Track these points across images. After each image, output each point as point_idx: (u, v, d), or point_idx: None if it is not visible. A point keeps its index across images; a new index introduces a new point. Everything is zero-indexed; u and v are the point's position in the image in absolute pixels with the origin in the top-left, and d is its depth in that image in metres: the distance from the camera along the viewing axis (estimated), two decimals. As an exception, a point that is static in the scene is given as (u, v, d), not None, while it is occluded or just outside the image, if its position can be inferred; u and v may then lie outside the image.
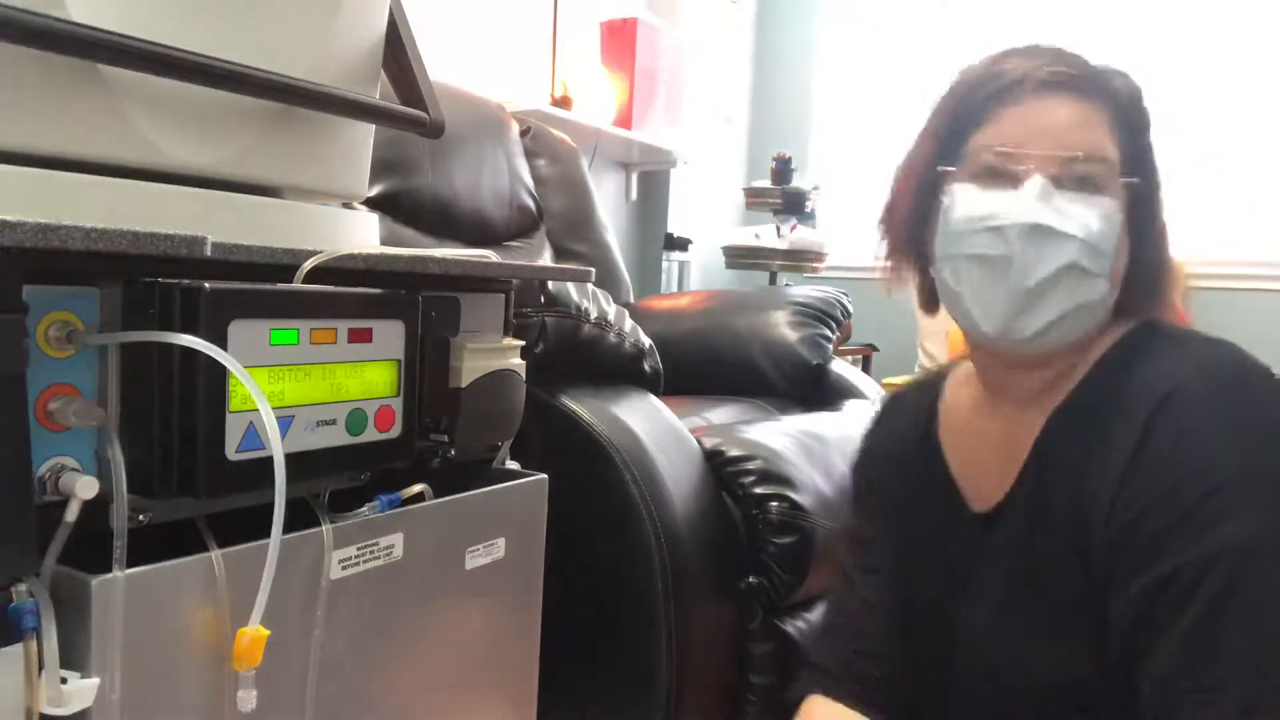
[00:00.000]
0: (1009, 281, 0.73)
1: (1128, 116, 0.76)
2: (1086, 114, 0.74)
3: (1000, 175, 0.74)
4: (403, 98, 0.87)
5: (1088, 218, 0.72)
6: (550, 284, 1.16)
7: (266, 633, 0.57)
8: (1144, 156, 0.77)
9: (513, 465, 0.93)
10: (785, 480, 1.25)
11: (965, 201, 0.75)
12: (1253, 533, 0.64)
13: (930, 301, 0.85)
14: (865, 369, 3.22)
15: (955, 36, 3.47)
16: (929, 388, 0.95)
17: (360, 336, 0.67)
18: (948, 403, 0.91)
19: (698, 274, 3.41)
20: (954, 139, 0.78)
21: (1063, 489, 0.75)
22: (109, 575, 0.53)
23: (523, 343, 0.87)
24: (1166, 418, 0.69)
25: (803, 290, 1.95)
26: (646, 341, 1.32)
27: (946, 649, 0.83)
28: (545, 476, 0.89)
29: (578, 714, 1.21)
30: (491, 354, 0.82)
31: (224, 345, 0.57)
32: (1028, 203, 0.72)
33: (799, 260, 3.06)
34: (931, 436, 0.90)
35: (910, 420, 0.93)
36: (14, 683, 0.51)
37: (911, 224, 0.82)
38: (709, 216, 3.56)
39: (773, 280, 3.15)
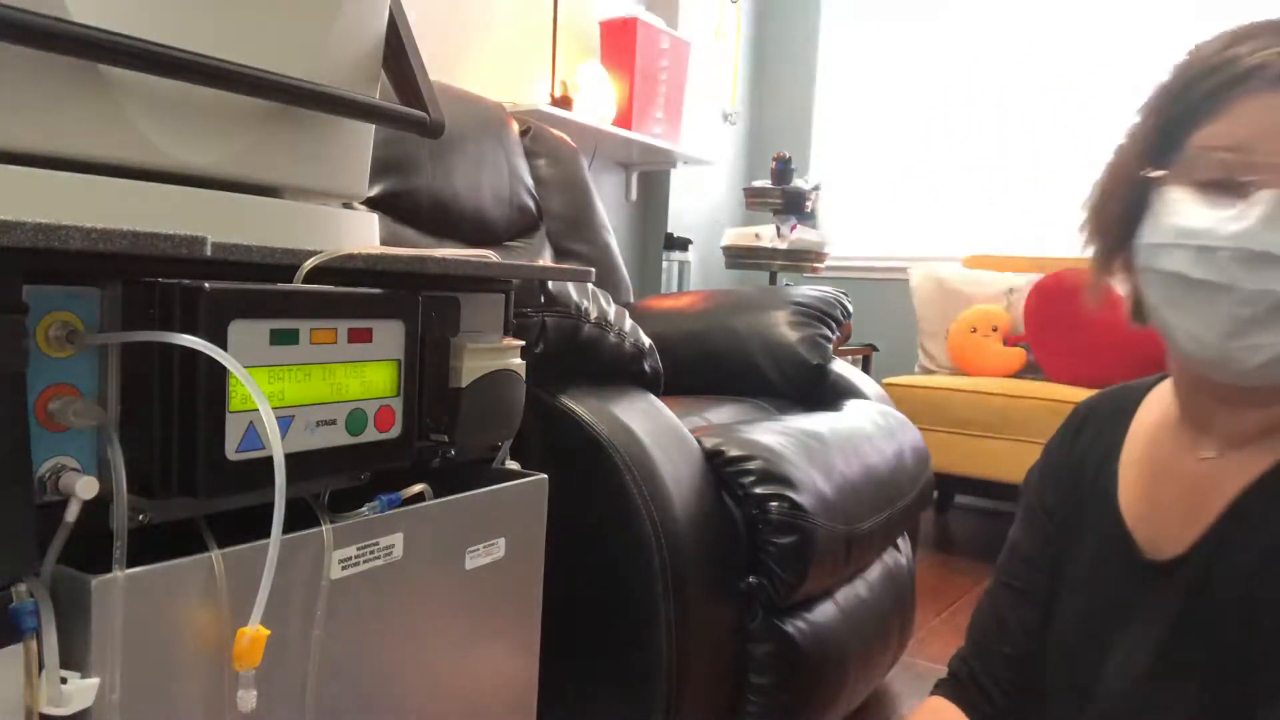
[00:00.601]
0: (1224, 305, 0.63)
1: None
2: None
3: (1224, 185, 0.63)
4: (403, 98, 0.87)
5: None
6: (550, 284, 1.16)
7: (266, 633, 0.57)
8: None
9: (513, 465, 0.93)
10: (785, 480, 1.25)
11: (1177, 211, 0.65)
12: None
13: (1139, 311, 0.74)
14: (865, 369, 3.23)
15: (955, 36, 3.47)
16: (1124, 404, 0.83)
17: (360, 336, 0.67)
18: (1137, 433, 0.80)
19: (698, 274, 3.42)
20: (1172, 134, 0.67)
21: (1252, 554, 0.66)
22: (109, 575, 0.53)
23: (523, 343, 0.87)
24: None
25: (803, 290, 1.95)
26: (646, 341, 1.32)
27: (1081, 697, 0.76)
28: (545, 476, 0.89)
29: (578, 714, 1.21)
30: (491, 354, 0.82)
31: (224, 345, 0.57)
32: (1250, 224, 0.61)
33: (799, 260, 3.06)
34: (1111, 464, 0.80)
35: (1096, 439, 0.83)
36: (14, 683, 0.51)
37: (1120, 230, 0.71)
38: (709, 216, 3.56)
39: (773, 280, 3.15)
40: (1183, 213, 0.65)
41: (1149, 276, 0.68)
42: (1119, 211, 0.72)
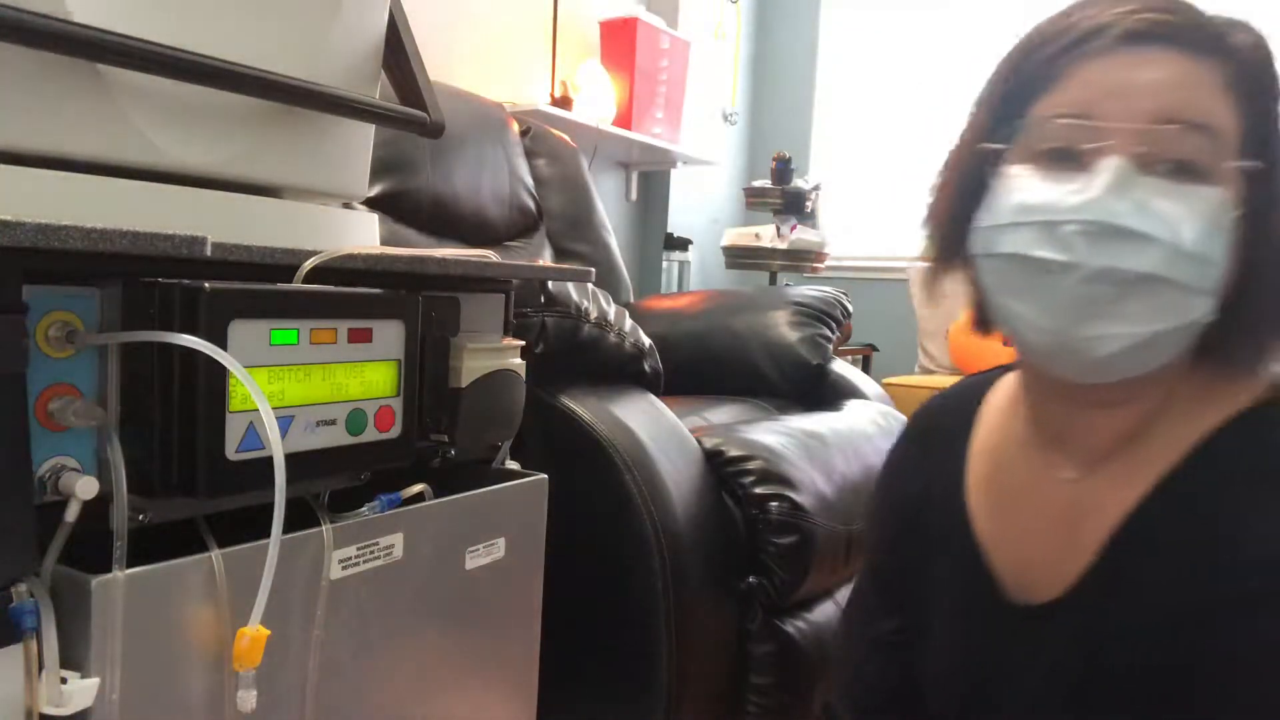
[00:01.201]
0: (1068, 285, 0.55)
1: (1251, 79, 0.56)
2: (1190, 73, 0.55)
3: (1066, 155, 0.57)
4: (403, 98, 0.87)
5: (1181, 213, 0.54)
6: (550, 284, 1.16)
7: (266, 633, 0.57)
8: (1272, 132, 0.57)
9: (513, 465, 0.93)
10: (785, 480, 1.25)
11: (1016, 188, 0.58)
12: None
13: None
14: (865, 369, 3.22)
15: (956, 36, 3.47)
16: (966, 411, 0.75)
17: (360, 336, 0.67)
18: (982, 446, 0.72)
19: (698, 274, 3.42)
20: (1013, 106, 0.60)
21: (1153, 591, 0.59)
22: (109, 575, 0.53)
23: (523, 343, 0.87)
24: (1269, 601, 0.54)
25: (803, 290, 1.95)
26: (646, 341, 1.32)
27: None
28: (545, 476, 0.89)
29: (578, 714, 1.21)
30: (491, 354, 0.82)
31: (224, 345, 0.57)
32: (1096, 193, 0.54)
33: (799, 260, 3.06)
34: (958, 494, 0.71)
35: (942, 462, 0.74)
36: (14, 683, 0.51)
37: (958, 218, 0.64)
38: (709, 216, 3.56)
39: (773, 280, 3.15)
40: (1022, 189, 0.58)
41: (987, 264, 0.60)
42: (952, 198, 0.65)
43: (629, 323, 1.29)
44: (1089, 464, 0.63)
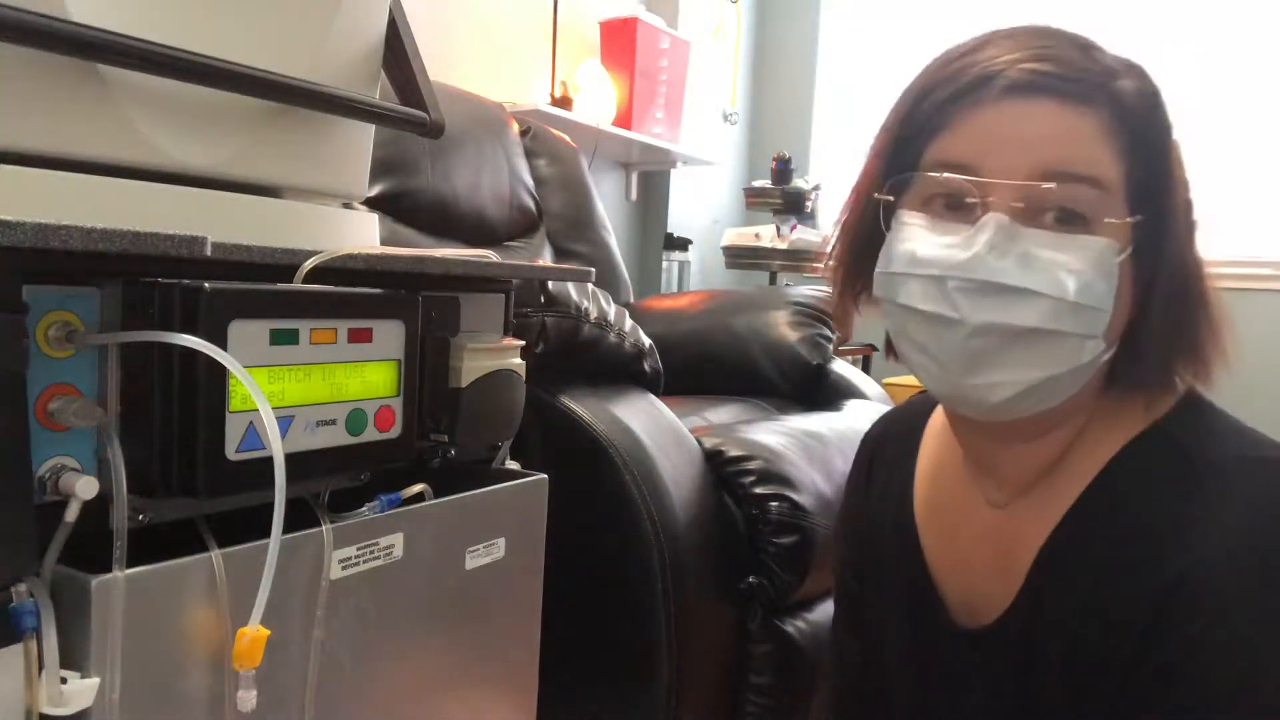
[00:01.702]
0: (956, 339, 0.57)
1: (1136, 126, 0.58)
2: (1073, 124, 0.57)
3: (954, 206, 0.59)
4: (403, 98, 0.87)
5: (1065, 266, 0.55)
6: (550, 284, 1.16)
7: (266, 633, 0.57)
8: (1159, 178, 0.59)
9: (513, 465, 0.93)
10: (785, 480, 1.25)
11: (907, 236, 0.60)
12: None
13: (895, 349, 0.69)
14: (865, 369, 3.22)
15: (955, 36, 3.47)
16: (909, 436, 0.77)
17: (360, 336, 0.67)
18: (925, 468, 0.75)
19: (698, 274, 3.42)
20: (906, 152, 0.62)
21: (1065, 617, 0.62)
22: (109, 575, 0.53)
23: (523, 343, 0.87)
24: (1187, 607, 0.55)
25: (803, 290, 1.95)
26: (646, 341, 1.32)
27: None
28: (545, 476, 0.89)
29: (578, 714, 1.21)
30: (491, 354, 0.82)
31: (224, 345, 0.57)
32: (976, 250, 0.55)
33: (799, 260, 3.06)
34: (908, 518, 0.74)
35: (889, 484, 0.77)
36: (14, 683, 0.51)
37: (859, 258, 0.66)
38: (709, 216, 3.56)
39: (773, 280, 3.15)
40: (912, 239, 0.59)
41: (887, 308, 0.63)
42: (859, 239, 0.66)
43: (629, 323, 1.29)
44: (1013, 492, 0.66)
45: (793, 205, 3.09)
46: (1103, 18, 3.03)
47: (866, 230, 0.65)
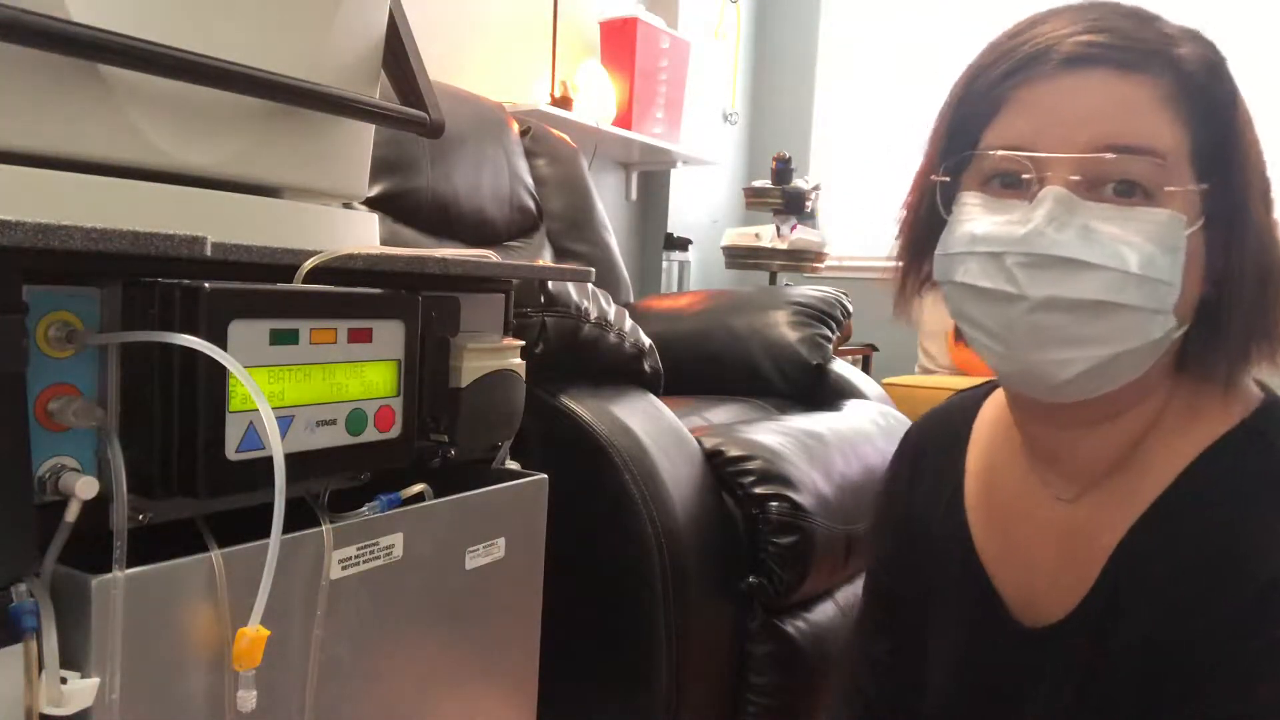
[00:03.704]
0: (1018, 314, 0.56)
1: (1198, 93, 0.56)
2: (1129, 93, 0.55)
3: (1012, 184, 0.58)
4: (403, 98, 0.87)
5: (1126, 238, 0.54)
6: (550, 284, 1.16)
7: (266, 633, 0.57)
8: (1227, 145, 0.57)
9: (513, 465, 0.93)
10: (785, 480, 1.25)
11: (967, 217, 0.59)
12: None
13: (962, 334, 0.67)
14: (865, 369, 3.22)
15: (955, 36, 3.47)
16: (957, 430, 0.75)
17: (360, 336, 0.67)
18: (977, 465, 0.72)
19: (698, 274, 3.42)
20: (963, 132, 0.61)
21: (1146, 618, 0.59)
22: (109, 575, 0.53)
23: (523, 343, 0.87)
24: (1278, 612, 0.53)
25: (803, 290, 1.95)
26: (646, 341, 1.32)
27: None
28: (545, 476, 0.89)
29: (578, 714, 1.21)
30: (491, 354, 0.82)
31: (224, 345, 0.57)
32: (1035, 224, 0.55)
33: (799, 260, 3.06)
34: (958, 515, 0.71)
35: (937, 483, 0.74)
36: (14, 683, 0.51)
37: (921, 242, 0.66)
38: (709, 216, 3.56)
39: (773, 280, 3.15)
40: (971, 219, 0.59)
41: (948, 290, 0.62)
42: (920, 223, 0.66)
43: (629, 323, 1.29)
44: (1082, 485, 0.63)
45: (793, 205, 3.09)
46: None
47: (926, 216, 0.64)
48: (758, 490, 1.24)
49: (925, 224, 0.65)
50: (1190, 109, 0.56)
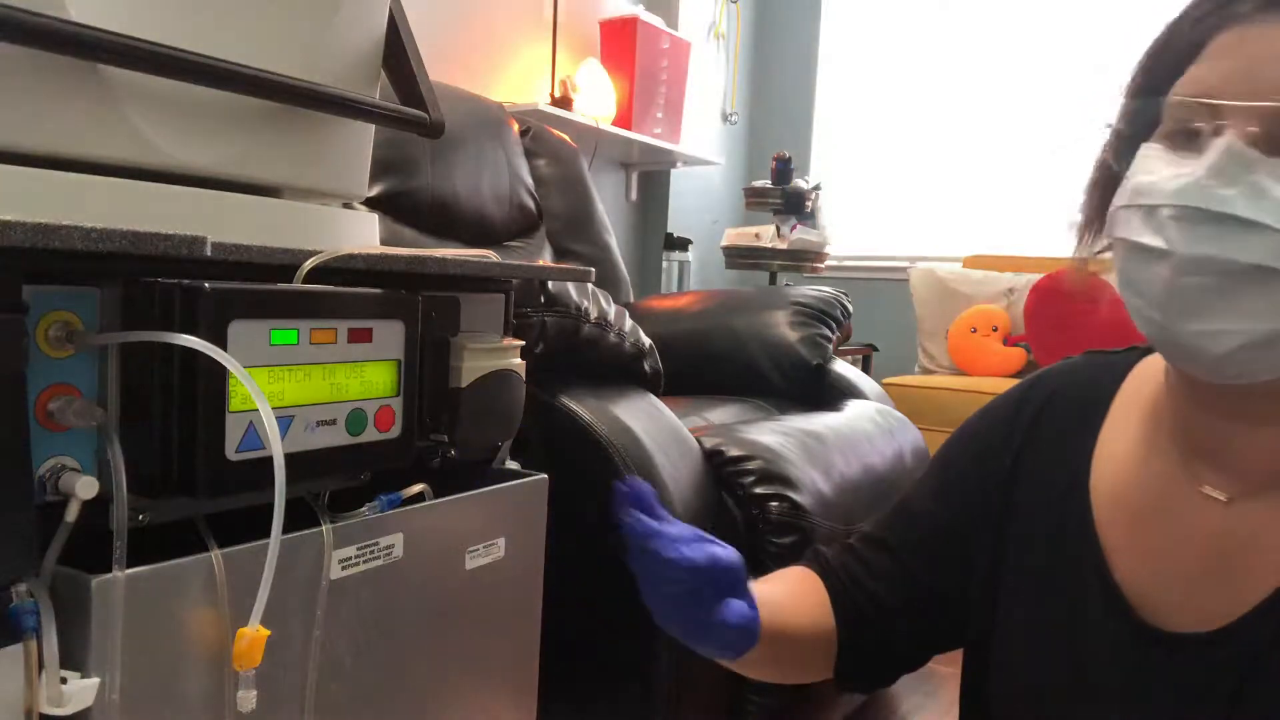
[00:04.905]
0: (1165, 274, 0.51)
1: None
2: None
3: (1191, 134, 0.52)
4: (403, 98, 0.87)
5: None
6: (550, 284, 1.16)
7: (266, 633, 0.57)
8: None
9: (513, 465, 0.93)
10: (785, 480, 1.25)
11: (1142, 168, 0.54)
12: None
13: None
14: (865, 369, 3.22)
15: (956, 36, 3.47)
16: (1097, 393, 0.68)
17: (360, 336, 0.67)
18: (1111, 444, 0.65)
19: (698, 274, 3.42)
20: (1157, 87, 0.56)
21: None
22: (109, 575, 0.53)
23: (523, 343, 0.87)
24: None
25: (803, 290, 1.95)
26: (646, 341, 1.32)
27: None
28: (545, 476, 0.89)
29: (578, 715, 1.21)
30: (491, 354, 0.82)
31: (224, 345, 0.57)
32: (1197, 175, 0.50)
33: (799, 260, 3.06)
34: (1081, 495, 0.65)
35: (1059, 441, 0.67)
36: (14, 683, 0.51)
37: (1105, 199, 0.60)
38: (709, 216, 3.56)
39: (773, 280, 3.15)
40: (1144, 170, 0.54)
41: (1114, 248, 0.57)
42: (1106, 179, 0.60)
43: (629, 323, 1.29)
44: (1245, 487, 0.57)
45: (793, 205, 3.09)
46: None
47: (1112, 172, 0.59)
48: (758, 490, 1.24)
49: (1112, 182, 0.59)
50: None
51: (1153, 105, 0.55)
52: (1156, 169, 0.53)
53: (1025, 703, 0.66)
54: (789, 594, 0.76)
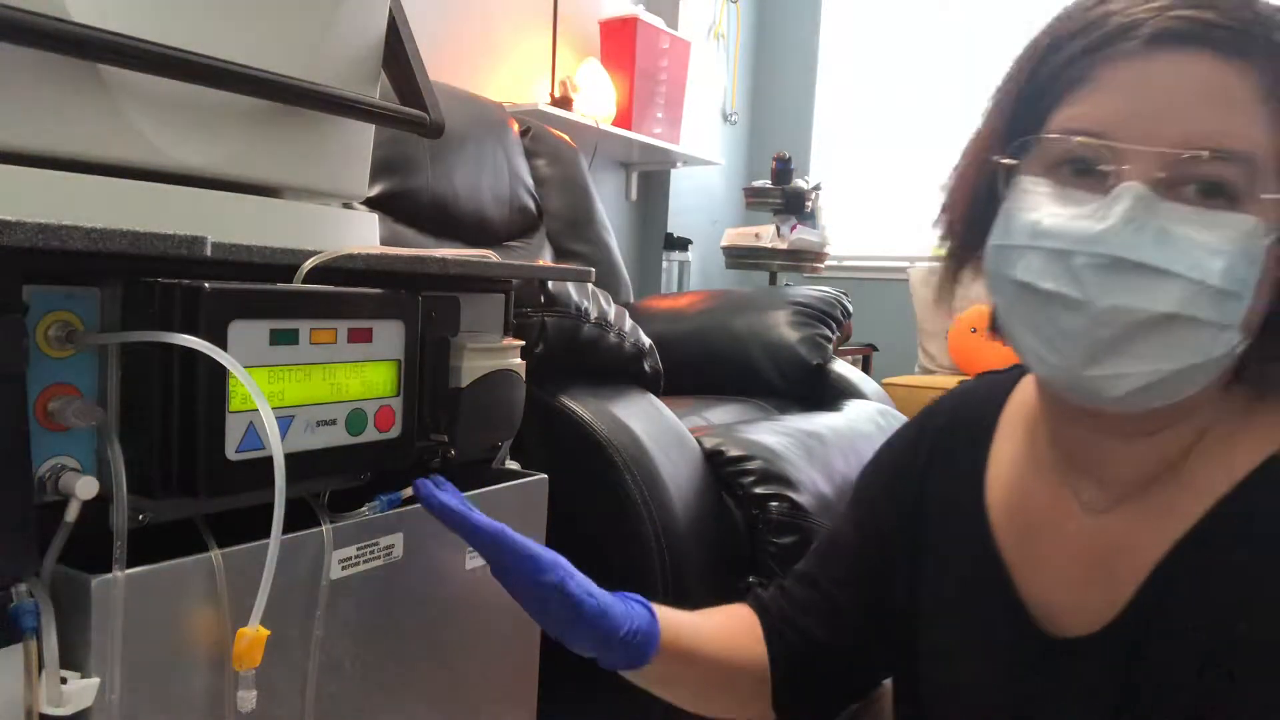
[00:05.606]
0: (1078, 324, 0.51)
1: None
2: (1229, 82, 0.49)
3: (1086, 174, 0.52)
4: (403, 98, 0.87)
5: (1208, 247, 0.48)
6: (550, 284, 1.16)
7: (266, 633, 0.57)
8: None
9: (513, 465, 0.93)
10: (785, 480, 1.25)
11: (1029, 206, 0.53)
12: None
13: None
14: (865, 369, 3.22)
15: (956, 35, 3.47)
16: (986, 413, 0.70)
17: (360, 336, 0.67)
18: (1001, 461, 0.67)
19: (698, 274, 3.42)
20: (1031, 109, 0.55)
21: (1195, 634, 0.55)
22: (109, 575, 0.53)
23: (523, 343, 0.87)
24: None
25: (803, 290, 1.95)
26: (646, 341, 1.32)
27: None
28: (545, 476, 0.89)
29: (578, 714, 1.21)
30: (491, 354, 0.82)
31: (224, 345, 0.57)
32: (1111, 223, 0.49)
33: (799, 260, 3.06)
34: (979, 513, 0.67)
35: (954, 465, 0.69)
36: (14, 683, 0.51)
37: (973, 224, 0.59)
38: (709, 216, 3.56)
39: (773, 280, 3.15)
40: (1035, 208, 0.52)
41: (997, 283, 0.56)
42: (972, 206, 0.59)
43: (629, 323, 1.29)
44: (1117, 496, 0.59)
45: (793, 205, 3.09)
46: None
47: (982, 196, 0.58)
48: (758, 490, 1.24)
49: (980, 207, 0.58)
50: None
51: (1030, 134, 0.54)
52: (1050, 209, 0.52)
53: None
54: (714, 624, 0.78)
